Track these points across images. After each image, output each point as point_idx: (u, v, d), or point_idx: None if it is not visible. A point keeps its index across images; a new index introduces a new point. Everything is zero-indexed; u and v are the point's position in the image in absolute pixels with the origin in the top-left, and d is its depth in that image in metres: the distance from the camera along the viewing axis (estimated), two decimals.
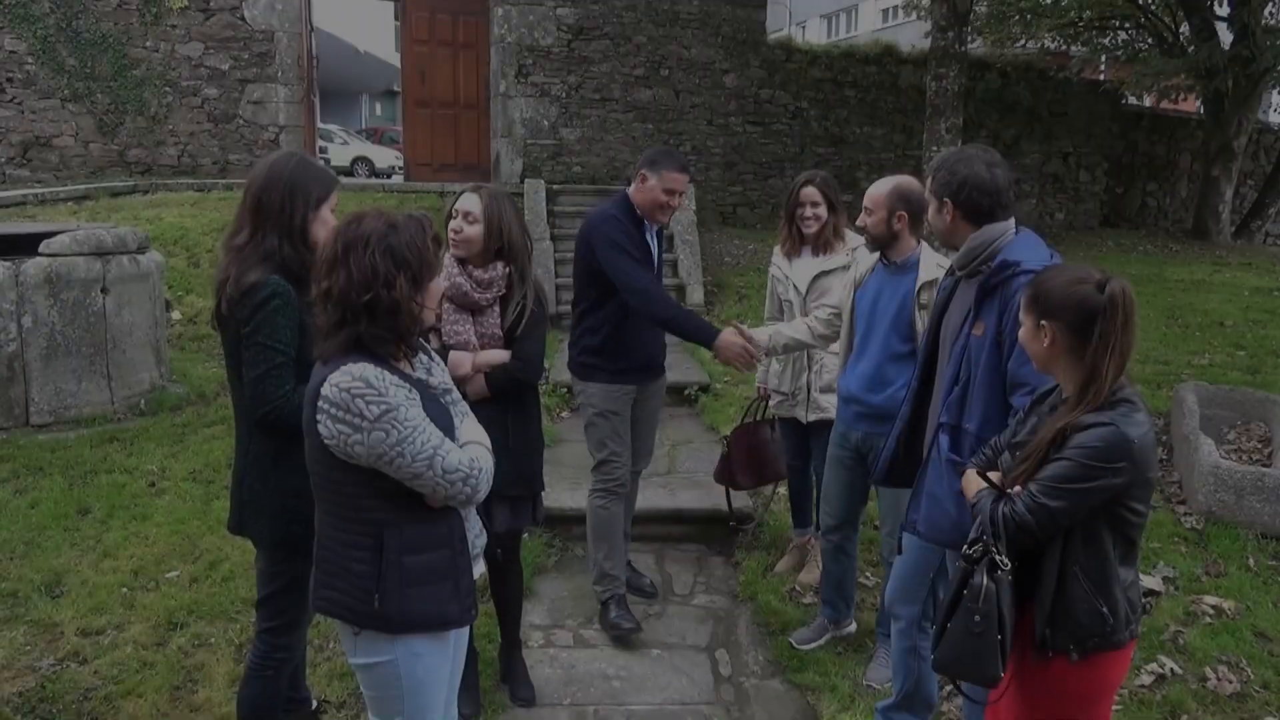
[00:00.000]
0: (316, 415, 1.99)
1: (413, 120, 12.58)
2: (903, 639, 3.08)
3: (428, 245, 2.07)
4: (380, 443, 1.95)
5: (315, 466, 2.09)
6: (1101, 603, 2.03)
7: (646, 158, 3.76)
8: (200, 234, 8.57)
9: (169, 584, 4.02)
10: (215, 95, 11.51)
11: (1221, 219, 14.08)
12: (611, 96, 12.22)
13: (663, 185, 3.69)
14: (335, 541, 2.10)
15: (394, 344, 2.05)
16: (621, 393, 3.88)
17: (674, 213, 3.87)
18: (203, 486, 4.97)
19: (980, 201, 2.61)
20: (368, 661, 2.13)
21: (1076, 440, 1.99)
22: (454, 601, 2.14)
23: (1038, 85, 13.92)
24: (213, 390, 6.39)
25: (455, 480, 2.03)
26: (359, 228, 2.03)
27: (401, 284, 2.00)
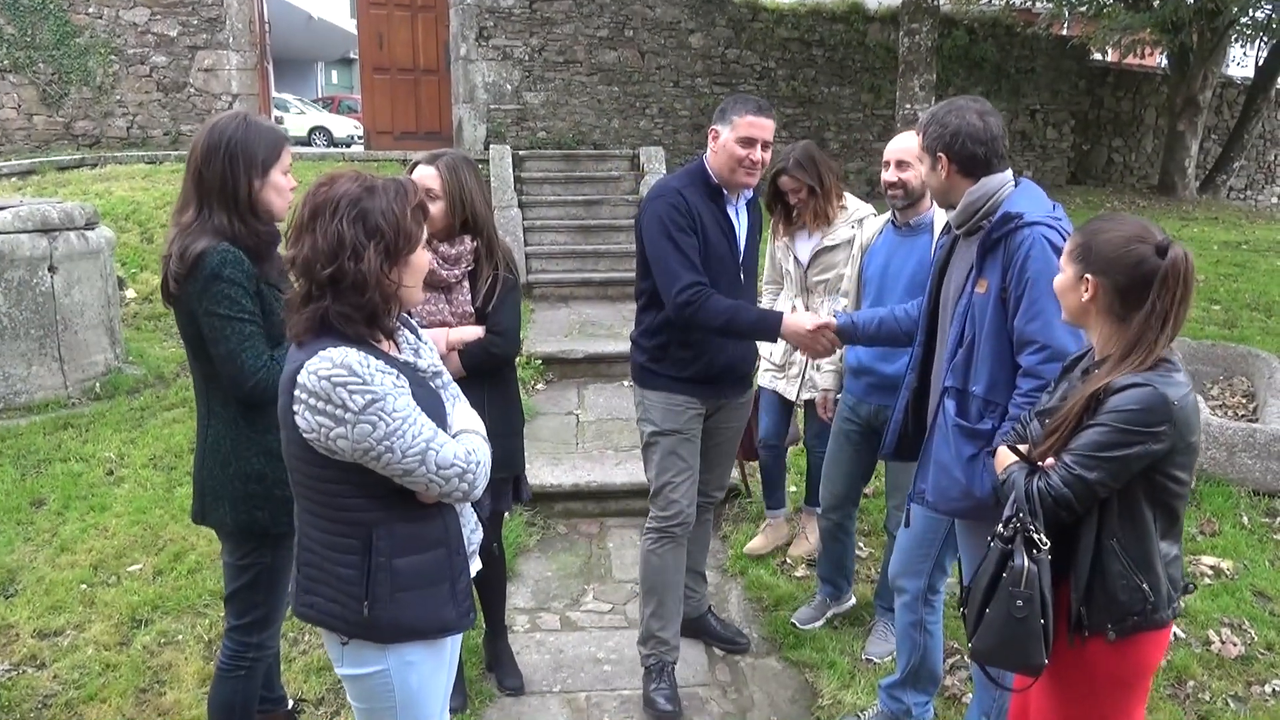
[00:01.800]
0: (293, 406, 1.78)
1: (371, 87, 12.18)
2: (907, 613, 2.97)
3: (406, 213, 1.84)
4: (366, 436, 1.75)
5: (293, 461, 1.88)
6: (1142, 579, 1.90)
7: (717, 110, 3.08)
8: (153, 208, 8.23)
9: (131, 578, 3.81)
10: (164, 63, 11.06)
11: (1187, 174, 14.08)
12: (575, 59, 11.91)
13: (736, 135, 2.95)
14: (318, 543, 1.90)
15: (363, 324, 1.82)
16: (687, 407, 3.15)
17: (761, 172, 3.06)
18: (164, 473, 4.74)
19: (975, 151, 2.48)
20: (357, 672, 1.93)
21: (1112, 404, 1.84)
22: (451, 605, 1.95)
23: (1004, 42, 13.77)
24: (172, 371, 6.13)
25: (450, 476, 1.83)
26: (329, 190, 1.81)
27: (371, 256, 1.78)
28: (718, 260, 3.05)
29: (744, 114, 2.96)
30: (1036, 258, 2.33)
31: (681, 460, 3.15)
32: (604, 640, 3.66)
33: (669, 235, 2.97)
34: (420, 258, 1.90)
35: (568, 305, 8.00)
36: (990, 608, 1.92)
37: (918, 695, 3.03)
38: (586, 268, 8.62)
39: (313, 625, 2.03)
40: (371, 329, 1.85)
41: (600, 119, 11.96)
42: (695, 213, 2.99)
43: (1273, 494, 4.38)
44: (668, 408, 3.15)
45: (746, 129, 2.95)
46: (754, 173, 3.01)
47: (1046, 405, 2.11)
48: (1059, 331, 2.30)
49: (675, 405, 3.15)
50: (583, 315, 7.67)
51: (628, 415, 5.72)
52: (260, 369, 2.31)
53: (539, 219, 9.20)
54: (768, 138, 2.99)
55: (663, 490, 3.16)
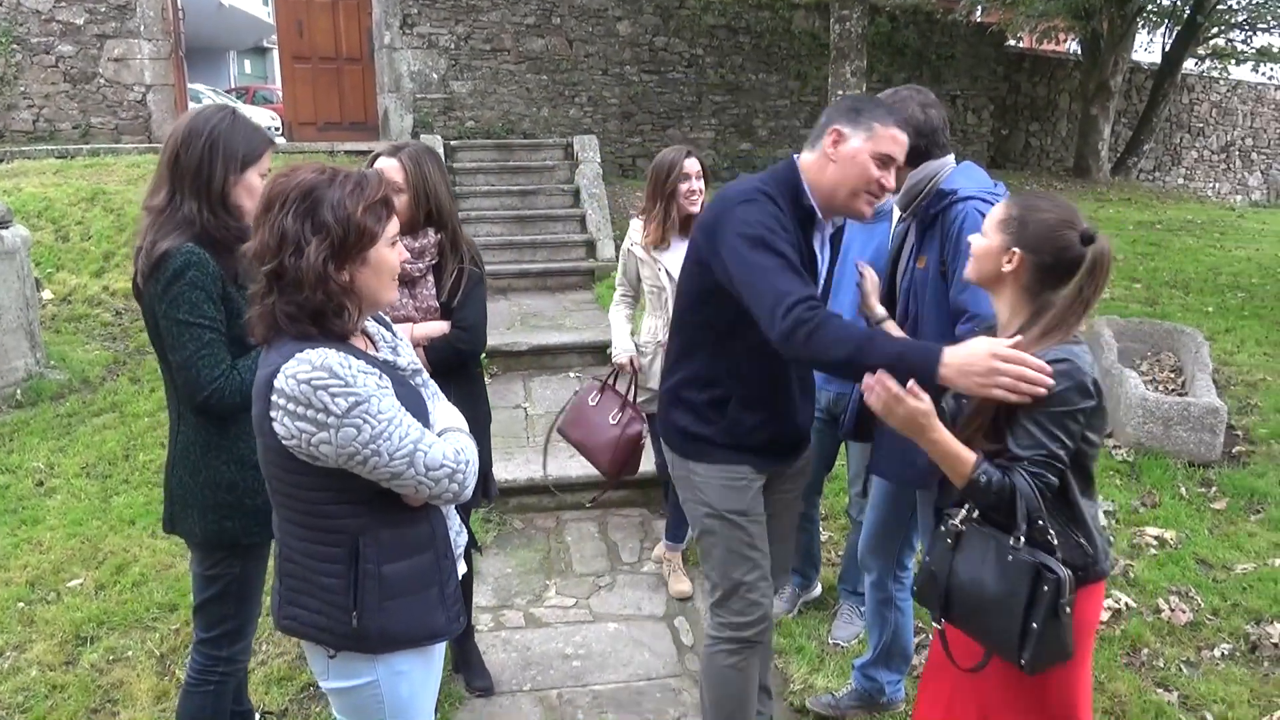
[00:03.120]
0: (270, 412, 1.70)
1: (291, 76, 11.84)
2: (877, 591, 3.02)
3: (359, 208, 1.72)
4: (351, 440, 1.67)
5: (271, 470, 1.79)
6: (1078, 534, 2.00)
7: (843, 106, 2.35)
8: (67, 205, 7.86)
9: (72, 594, 3.65)
10: (71, 53, 10.57)
11: (1100, 157, 14.56)
12: (503, 47, 11.75)
13: (877, 148, 2.25)
14: (300, 553, 1.82)
15: (308, 323, 1.72)
16: (750, 481, 2.49)
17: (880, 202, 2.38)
18: (98, 482, 4.55)
19: (916, 143, 2.50)
20: (345, 685, 1.86)
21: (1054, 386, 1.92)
22: (440, 610, 1.89)
23: (925, 29, 14.02)
24: (98, 375, 5.87)
25: (440, 477, 1.76)
26: (285, 182, 1.73)
27: (313, 252, 1.68)
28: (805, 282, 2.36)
29: (889, 123, 2.27)
30: (969, 231, 2.37)
31: (755, 549, 2.50)
32: (571, 636, 3.62)
33: (767, 244, 2.20)
34: (383, 256, 1.79)
35: (506, 297, 7.91)
36: (1038, 623, 1.89)
37: (890, 674, 3.07)
38: (524, 259, 8.53)
39: (297, 639, 1.94)
40: (320, 329, 1.74)
41: (529, 108, 11.83)
42: (787, 227, 2.28)
43: (1207, 464, 4.55)
44: (728, 484, 2.47)
45: (890, 143, 2.27)
46: (875, 202, 2.34)
47: None
48: (986, 300, 2.32)
49: (737, 480, 2.47)
50: (523, 307, 7.59)
51: None
52: (216, 379, 2.21)
53: (474, 210, 9.07)
54: (902, 160, 2.33)
55: (737, 591, 2.51)
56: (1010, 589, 1.92)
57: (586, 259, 8.55)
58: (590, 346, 6.46)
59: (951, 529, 2.05)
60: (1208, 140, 17.43)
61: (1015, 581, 1.91)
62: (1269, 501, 4.23)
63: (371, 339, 1.92)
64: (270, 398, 1.70)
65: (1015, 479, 1.93)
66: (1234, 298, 7.36)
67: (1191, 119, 17.16)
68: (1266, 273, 8.30)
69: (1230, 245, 9.73)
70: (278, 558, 1.88)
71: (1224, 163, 17.69)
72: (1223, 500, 4.28)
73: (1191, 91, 17.01)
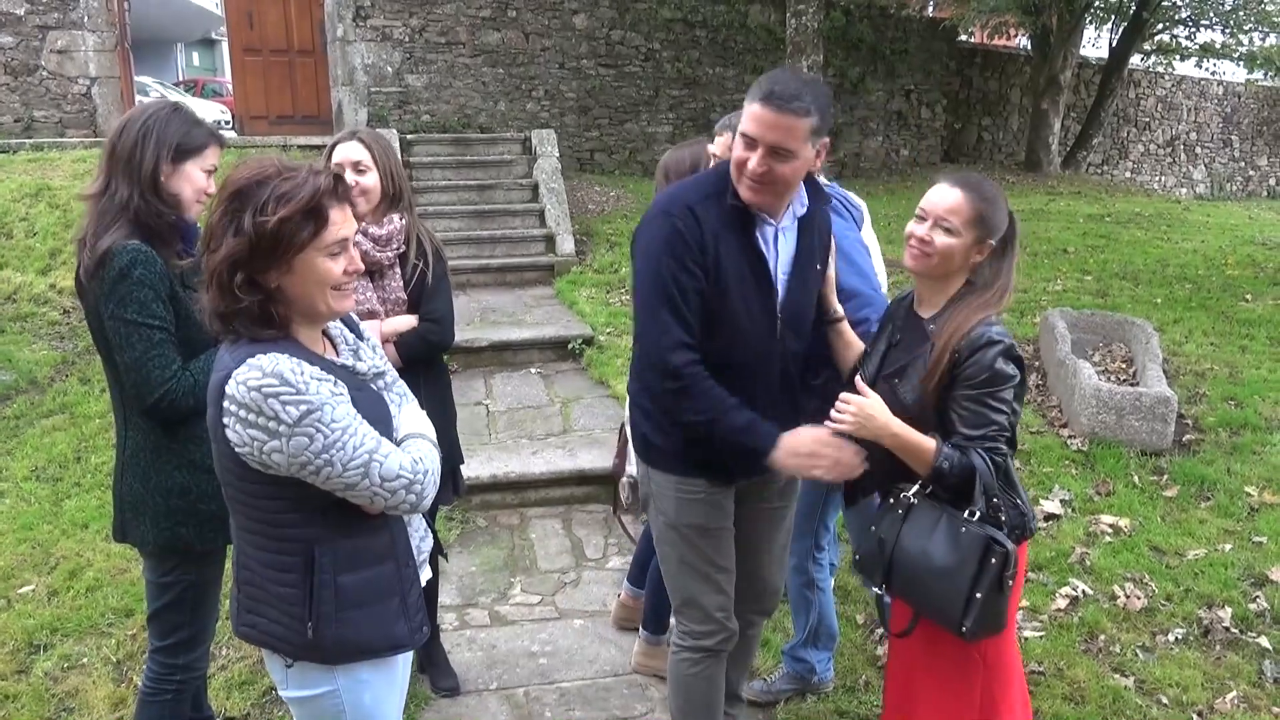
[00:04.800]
0: (223, 418, 1.65)
1: (242, 69, 11.62)
2: (798, 575, 3.11)
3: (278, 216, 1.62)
4: (303, 450, 1.62)
5: (225, 476, 1.74)
6: (1015, 496, 2.11)
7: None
8: (10, 200, 7.65)
9: (24, 600, 3.56)
10: (11, 44, 10.27)
11: (1051, 150, 14.82)
12: (458, 40, 11.64)
13: (741, 128, 2.13)
14: (256, 561, 1.77)
15: (218, 324, 1.67)
16: (709, 494, 2.36)
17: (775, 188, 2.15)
18: (49, 485, 4.44)
19: None
20: (304, 695, 1.82)
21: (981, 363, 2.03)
22: (402, 620, 1.84)
23: (879, 23, 14.14)
24: (45, 376, 5.73)
25: (397, 489, 1.71)
26: (232, 175, 1.68)
27: (220, 255, 1.63)
28: (741, 310, 2.21)
29: (752, 100, 2.10)
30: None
31: (711, 564, 2.40)
32: (536, 633, 3.61)
33: (661, 273, 2.16)
34: (313, 263, 1.68)
35: (465, 293, 7.84)
36: (981, 593, 1.98)
37: (819, 653, 3.16)
38: (483, 254, 8.47)
39: (254, 645, 1.90)
40: (230, 331, 1.68)
41: (486, 101, 11.74)
42: (708, 241, 2.16)
43: (1158, 453, 4.65)
44: (683, 496, 2.36)
45: (745, 121, 2.12)
46: (755, 188, 2.14)
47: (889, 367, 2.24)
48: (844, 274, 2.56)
49: (694, 493, 2.36)
50: (483, 303, 7.54)
51: (538, 404, 5.66)
52: (167, 380, 2.16)
53: (431, 205, 8.97)
54: (778, 141, 2.07)
55: (691, 604, 2.45)
56: (959, 560, 2.01)
57: (546, 254, 8.51)
58: (551, 342, 6.44)
59: (904, 501, 2.13)
60: (1154, 134, 17.81)
61: (965, 553, 2.00)
62: (1218, 489, 4.33)
63: (332, 341, 1.87)
64: (222, 403, 1.65)
65: (973, 458, 2.02)
66: (1181, 289, 7.53)
67: (1138, 114, 17.53)
68: (1212, 265, 8.49)
69: (1177, 238, 9.94)
70: (235, 565, 1.84)
71: (1169, 156, 18.10)
72: (1174, 488, 4.38)
73: (1138, 86, 17.37)
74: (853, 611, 3.64)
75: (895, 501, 2.15)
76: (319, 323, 1.81)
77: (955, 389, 2.06)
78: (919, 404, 2.11)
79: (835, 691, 3.20)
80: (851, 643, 3.44)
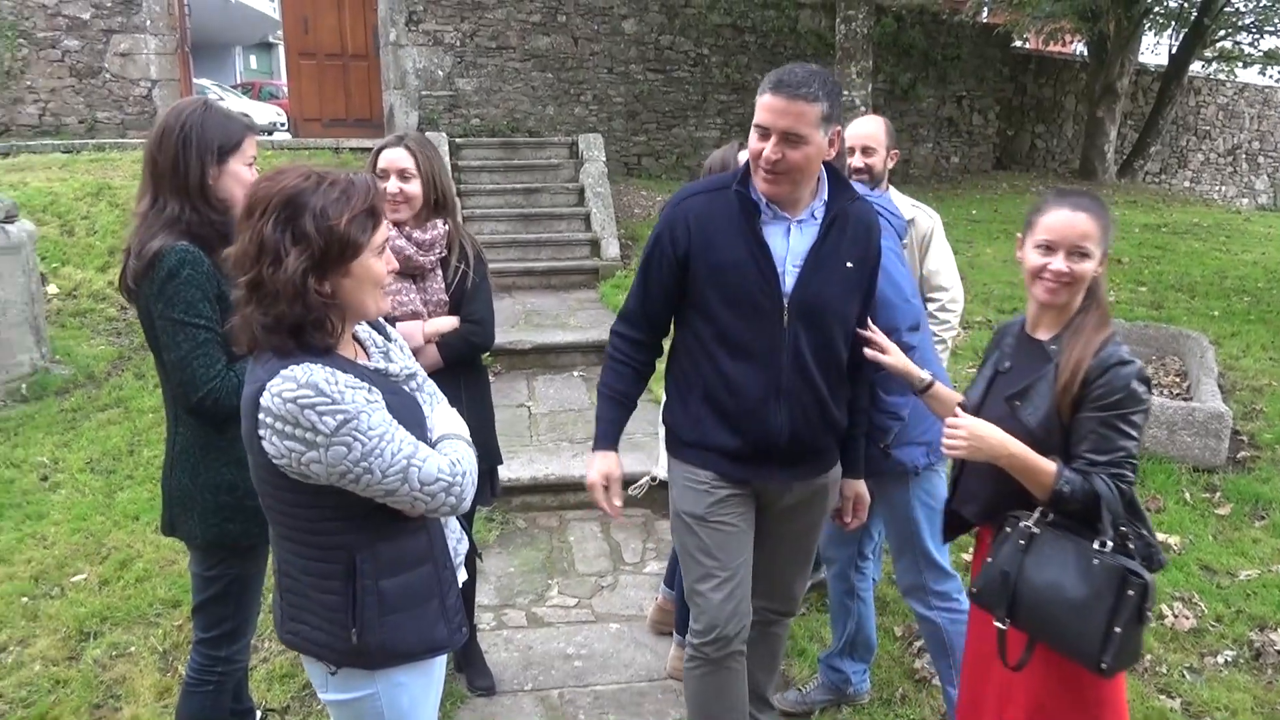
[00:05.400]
0: (259, 430, 1.65)
1: (297, 72, 11.85)
2: (839, 582, 3.09)
3: (344, 217, 1.64)
4: (342, 459, 1.62)
5: (263, 486, 1.75)
6: (1142, 527, 2.02)
7: None
8: (72, 199, 7.86)
9: (76, 589, 3.65)
10: (77, 47, 10.58)
11: (1106, 159, 14.53)
12: (508, 44, 11.74)
13: (754, 119, 2.20)
14: (298, 570, 1.79)
15: (287, 337, 1.65)
16: (714, 486, 2.35)
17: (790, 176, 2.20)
18: (103, 477, 4.55)
19: None
20: (344, 698, 1.84)
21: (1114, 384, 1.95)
22: (441, 622, 1.85)
23: (931, 29, 14.00)
24: (103, 370, 5.88)
25: (436, 492, 1.72)
26: (267, 186, 1.66)
27: (291, 264, 1.61)
28: (740, 293, 2.26)
29: (762, 91, 2.18)
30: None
31: (710, 558, 2.36)
32: (572, 635, 3.62)
33: (644, 261, 2.40)
34: (368, 266, 1.70)
35: (511, 295, 7.90)
36: (1120, 627, 1.89)
37: (855, 664, 3.13)
38: (529, 257, 8.53)
39: (299, 653, 1.91)
40: (298, 343, 1.66)
41: (535, 106, 11.83)
42: (704, 230, 2.27)
43: (1211, 470, 4.54)
44: (687, 484, 2.38)
45: (759, 111, 2.18)
46: (770, 178, 2.20)
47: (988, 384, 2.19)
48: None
49: (696, 482, 2.36)
50: (527, 305, 7.59)
51: (579, 406, 5.68)
52: (212, 379, 2.19)
53: (478, 208, 9.07)
54: (790, 127, 2.12)
55: (691, 597, 2.43)
56: (1094, 593, 1.92)
57: (591, 258, 8.55)
58: (594, 345, 6.45)
59: (1024, 530, 2.05)
60: (1214, 143, 17.38)
61: (1100, 586, 1.91)
62: (1273, 507, 4.22)
63: (362, 345, 1.87)
64: (258, 416, 1.65)
65: (1096, 484, 1.94)
66: (1240, 302, 7.35)
67: (1198, 122, 17.11)
68: (1273, 277, 8.27)
69: (1236, 249, 9.70)
70: (276, 573, 1.86)
71: (1230, 166, 17.65)
72: (1227, 506, 4.27)
73: (1198, 94, 16.97)
74: (891, 624, 3.61)
75: (1013, 531, 2.07)
76: (359, 323, 1.82)
77: (1082, 410, 1.99)
78: (1043, 427, 2.04)
79: (871, 704, 3.17)
80: (889, 655, 3.41)
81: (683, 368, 2.41)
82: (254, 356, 1.72)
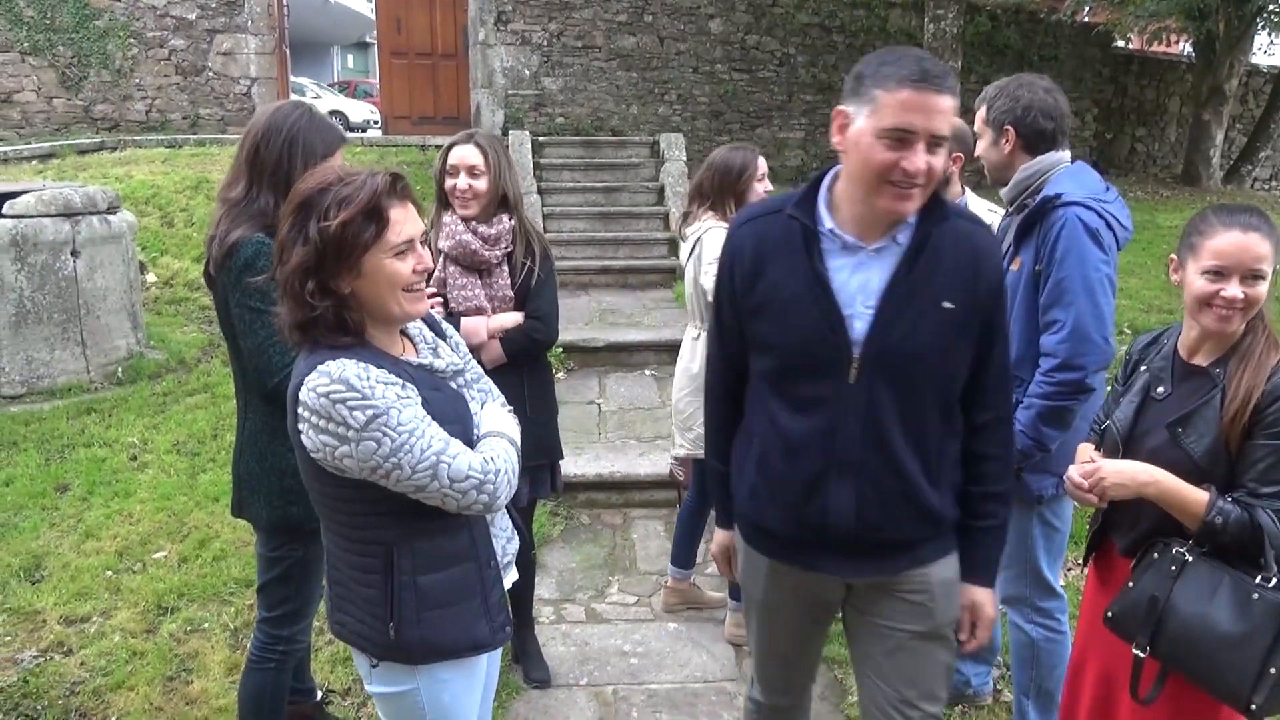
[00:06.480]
0: (299, 424, 1.70)
1: (389, 71, 12.15)
2: None
3: (339, 221, 1.64)
4: (372, 454, 1.64)
5: (307, 480, 1.79)
6: None
7: (851, 77, 1.79)
8: (173, 192, 8.22)
9: (156, 565, 3.81)
10: (183, 46, 11.05)
11: (1212, 164, 13.91)
12: (594, 44, 11.84)
13: (880, 124, 1.69)
14: (341, 561, 1.83)
15: (298, 333, 1.70)
16: (770, 571, 2.01)
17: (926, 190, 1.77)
18: (187, 459, 4.74)
19: (1045, 126, 2.51)
20: (387, 691, 1.87)
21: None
22: (483, 621, 1.85)
23: (1028, 29, 13.61)
24: (193, 356, 6.13)
25: (467, 489, 1.71)
26: (298, 188, 1.71)
27: (292, 265, 1.66)
28: (798, 340, 1.84)
29: (894, 83, 1.68)
30: (1067, 237, 2.35)
31: (763, 639, 2.15)
32: (630, 633, 3.63)
33: (715, 300, 2.07)
34: (381, 265, 1.69)
35: (587, 293, 7.96)
36: (1276, 667, 1.80)
37: (977, 665, 3.05)
38: (606, 255, 8.57)
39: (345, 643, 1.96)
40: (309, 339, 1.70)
41: (619, 105, 11.89)
42: (758, 260, 1.89)
43: None
44: (746, 560, 2.09)
45: (899, 112, 1.68)
46: (909, 195, 1.74)
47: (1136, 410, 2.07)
48: (1081, 313, 2.33)
49: (752, 561, 2.07)
50: (603, 303, 7.63)
51: (649, 405, 5.69)
52: (287, 366, 2.24)
53: (558, 205, 9.16)
54: (940, 129, 1.70)
55: (753, 688, 2.26)
56: (1251, 630, 1.83)
57: (668, 257, 8.55)
58: (667, 345, 6.44)
59: (1176, 557, 1.95)
60: None
61: (1259, 622, 1.82)
62: None
63: (411, 340, 1.89)
64: (298, 410, 1.69)
65: (1259, 516, 1.85)
66: None
67: None
68: None
69: None
70: (326, 563, 1.90)
71: None
72: None
73: None
74: None
75: (1163, 557, 1.98)
76: (394, 325, 1.82)
77: (1253, 438, 1.89)
78: (1209, 456, 1.94)
79: (993, 706, 3.11)
80: None
81: (746, 421, 2.03)
82: (303, 351, 1.76)
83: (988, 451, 1.93)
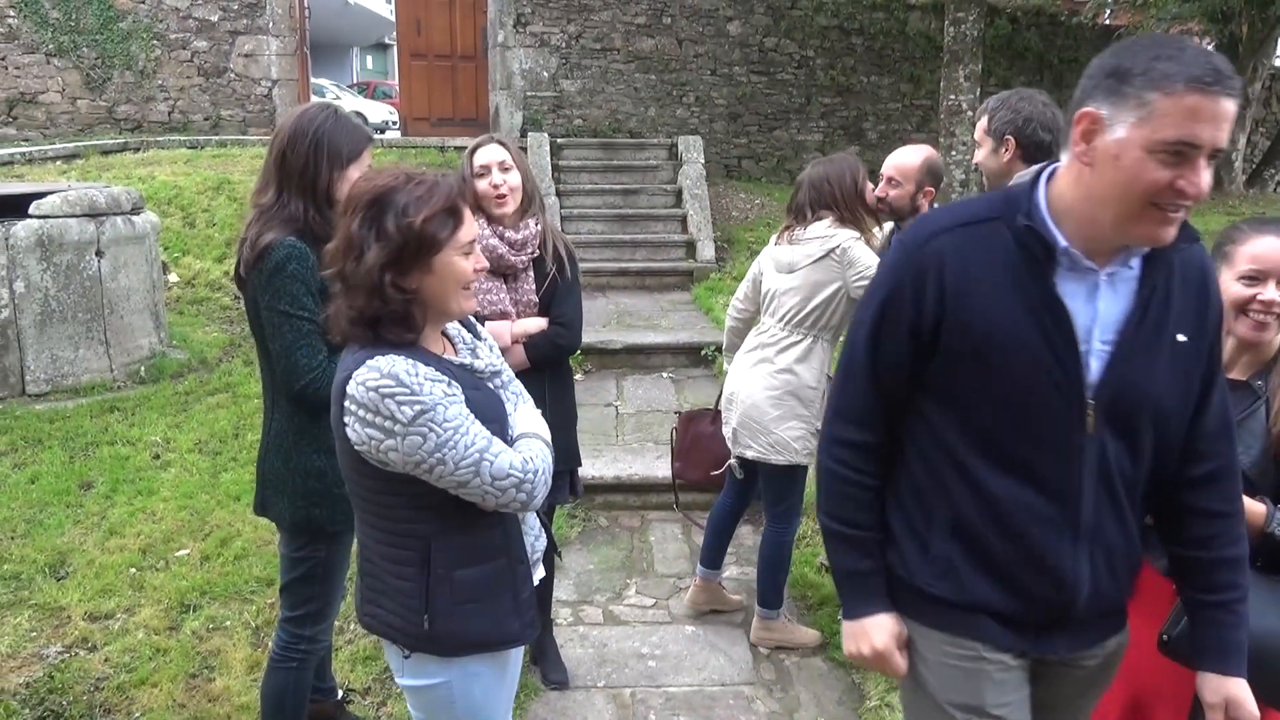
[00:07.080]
0: (344, 417, 1.73)
1: (408, 73, 12.22)
2: None
3: (422, 214, 1.69)
4: (417, 449, 1.68)
5: (347, 473, 1.83)
6: None
7: (1099, 69, 1.49)
8: (195, 193, 8.29)
9: (179, 563, 3.85)
10: (205, 48, 11.14)
11: (1234, 168, 13.80)
12: (613, 46, 11.86)
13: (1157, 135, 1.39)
14: (376, 554, 1.86)
15: (366, 328, 1.72)
16: (987, 662, 1.64)
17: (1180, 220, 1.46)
18: (209, 458, 4.78)
19: (1043, 139, 2.59)
20: (418, 684, 1.89)
21: None
22: (514, 616, 1.89)
23: (1048, 31, 13.55)
24: (215, 356, 6.18)
25: (507, 487, 1.76)
26: (363, 187, 1.75)
27: (370, 259, 1.68)
28: (1019, 389, 1.55)
29: (1182, 86, 1.37)
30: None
31: None
32: (648, 635, 3.64)
33: (870, 331, 1.66)
34: (450, 263, 1.75)
35: (605, 295, 7.98)
36: None
37: None
38: (624, 257, 8.60)
39: (375, 635, 1.99)
40: (377, 336, 1.73)
41: (637, 107, 11.90)
42: (962, 281, 1.56)
43: None
44: (949, 662, 1.66)
45: (1185, 121, 1.38)
46: (1174, 221, 1.45)
47: None
48: None
49: (963, 658, 1.64)
50: (620, 305, 7.65)
51: (666, 408, 5.70)
52: (314, 369, 2.29)
53: (576, 207, 9.19)
54: (1224, 140, 1.39)
55: None
56: None
57: (686, 259, 8.57)
58: (684, 347, 6.47)
59: None
60: None
61: None
62: None
63: (451, 341, 1.93)
64: (344, 403, 1.73)
65: None
66: None
67: None
68: None
69: None
70: (359, 556, 1.93)
71: None
72: None
73: None
74: None
75: None
76: (448, 321, 1.87)
77: None
78: (1256, 468, 1.93)
79: None
80: None
81: (916, 484, 1.67)
82: (346, 346, 1.80)
83: (1216, 508, 1.65)
